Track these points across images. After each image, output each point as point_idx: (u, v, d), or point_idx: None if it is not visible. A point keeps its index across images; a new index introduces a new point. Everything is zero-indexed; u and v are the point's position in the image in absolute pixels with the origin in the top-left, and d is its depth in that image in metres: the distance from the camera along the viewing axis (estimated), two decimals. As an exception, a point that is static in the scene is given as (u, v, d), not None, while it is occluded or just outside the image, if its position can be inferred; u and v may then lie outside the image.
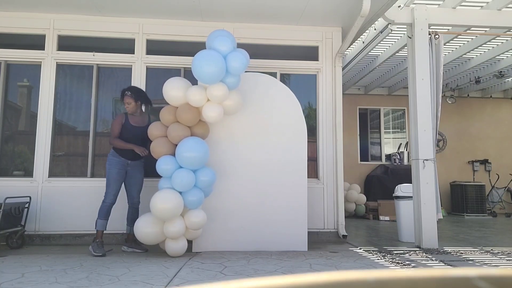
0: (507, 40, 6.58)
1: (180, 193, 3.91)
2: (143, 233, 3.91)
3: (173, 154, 4.06)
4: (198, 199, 3.95)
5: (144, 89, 5.15)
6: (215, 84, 3.97)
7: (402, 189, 5.42)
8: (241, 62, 4.01)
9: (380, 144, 10.06)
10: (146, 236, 3.92)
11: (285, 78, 5.42)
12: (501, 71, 7.97)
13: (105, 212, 4.16)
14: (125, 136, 4.27)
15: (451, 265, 3.76)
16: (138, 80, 5.14)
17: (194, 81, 4.59)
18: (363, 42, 6.71)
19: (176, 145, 4.05)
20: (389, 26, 5.70)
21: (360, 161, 9.77)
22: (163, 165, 3.94)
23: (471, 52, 6.96)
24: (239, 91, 4.37)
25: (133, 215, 4.36)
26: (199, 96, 4.00)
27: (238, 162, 4.46)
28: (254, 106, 4.58)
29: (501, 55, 7.17)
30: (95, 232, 4.21)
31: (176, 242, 3.93)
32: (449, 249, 4.51)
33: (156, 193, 3.86)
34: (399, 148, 9.93)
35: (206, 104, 4.07)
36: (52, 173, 4.95)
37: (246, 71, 5.07)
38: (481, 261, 3.90)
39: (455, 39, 6.58)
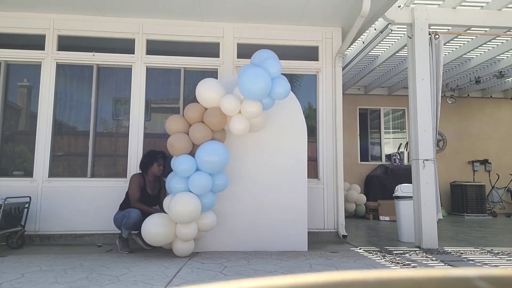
0: (507, 40, 6.58)
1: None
2: (152, 234, 3.84)
3: (190, 153, 4.05)
4: (211, 202, 3.99)
5: (144, 89, 5.16)
6: (253, 100, 3.97)
7: (402, 189, 5.41)
8: (285, 89, 4.03)
9: (380, 144, 10.06)
10: (155, 236, 3.85)
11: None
12: (501, 71, 7.97)
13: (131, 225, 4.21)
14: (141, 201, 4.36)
15: (451, 265, 3.76)
16: (138, 80, 5.14)
17: (192, 81, 4.60)
18: (363, 42, 6.71)
19: (194, 144, 4.06)
20: (389, 26, 5.70)
21: (360, 161, 9.77)
22: (182, 165, 3.88)
23: (471, 52, 6.96)
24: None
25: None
26: (234, 106, 3.98)
27: (238, 162, 4.46)
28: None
29: (501, 55, 7.17)
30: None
31: (186, 243, 3.94)
32: (449, 249, 4.51)
33: (176, 196, 3.81)
34: (399, 148, 9.93)
35: (236, 116, 4.05)
36: (52, 173, 4.95)
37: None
38: (481, 261, 3.90)
39: (455, 39, 6.57)
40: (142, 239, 4.24)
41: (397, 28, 5.91)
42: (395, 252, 4.36)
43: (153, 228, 3.85)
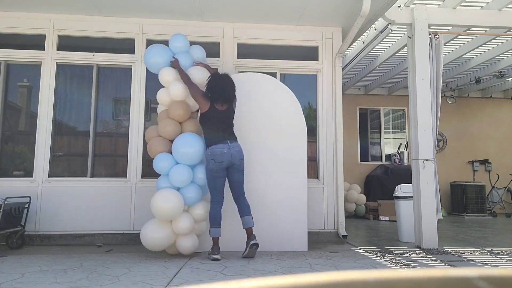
0: (507, 40, 6.58)
1: (178, 189, 3.94)
2: (151, 239, 3.83)
3: (169, 152, 4.09)
4: (196, 195, 3.99)
5: (144, 90, 5.16)
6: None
7: (402, 189, 5.41)
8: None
9: (380, 144, 10.06)
10: (154, 241, 3.84)
11: (285, 78, 5.42)
12: (501, 71, 7.97)
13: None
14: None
15: (451, 265, 3.76)
16: (138, 80, 5.14)
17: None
18: (363, 42, 6.71)
19: (171, 141, 4.11)
20: (389, 26, 5.70)
21: (360, 161, 9.77)
22: (160, 163, 3.96)
23: (471, 52, 6.96)
24: (240, 91, 4.40)
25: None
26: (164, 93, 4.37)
27: (238, 162, 4.45)
28: (254, 106, 4.58)
29: (501, 55, 7.17)
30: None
31: (187, 238, 3.94)
32: (449, 249, 4.51)
33: (156, 194, 3.86)
34: (399, 148, 9.93)
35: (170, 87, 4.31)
36: (52, 173, 4.95)
37: (245, 71, 5.08)
38: (481, 261, 3.90)
39: (455, 39, 6.57)
40: None
41: (397, 28, 5.91)
42: (395, 252, 4.36)
43: (150, 233, 3.83)
